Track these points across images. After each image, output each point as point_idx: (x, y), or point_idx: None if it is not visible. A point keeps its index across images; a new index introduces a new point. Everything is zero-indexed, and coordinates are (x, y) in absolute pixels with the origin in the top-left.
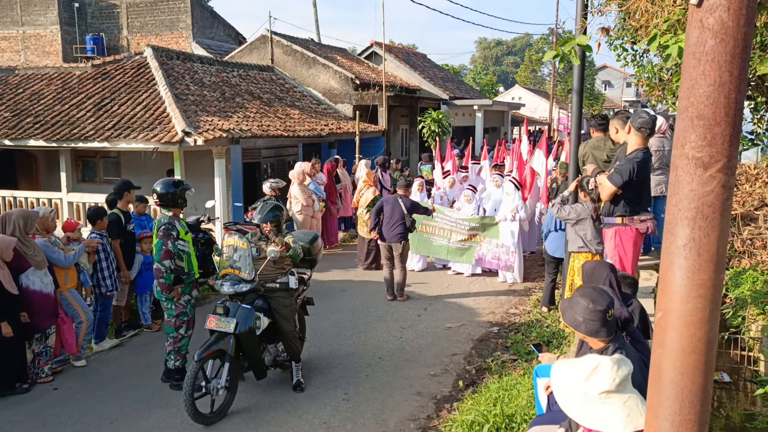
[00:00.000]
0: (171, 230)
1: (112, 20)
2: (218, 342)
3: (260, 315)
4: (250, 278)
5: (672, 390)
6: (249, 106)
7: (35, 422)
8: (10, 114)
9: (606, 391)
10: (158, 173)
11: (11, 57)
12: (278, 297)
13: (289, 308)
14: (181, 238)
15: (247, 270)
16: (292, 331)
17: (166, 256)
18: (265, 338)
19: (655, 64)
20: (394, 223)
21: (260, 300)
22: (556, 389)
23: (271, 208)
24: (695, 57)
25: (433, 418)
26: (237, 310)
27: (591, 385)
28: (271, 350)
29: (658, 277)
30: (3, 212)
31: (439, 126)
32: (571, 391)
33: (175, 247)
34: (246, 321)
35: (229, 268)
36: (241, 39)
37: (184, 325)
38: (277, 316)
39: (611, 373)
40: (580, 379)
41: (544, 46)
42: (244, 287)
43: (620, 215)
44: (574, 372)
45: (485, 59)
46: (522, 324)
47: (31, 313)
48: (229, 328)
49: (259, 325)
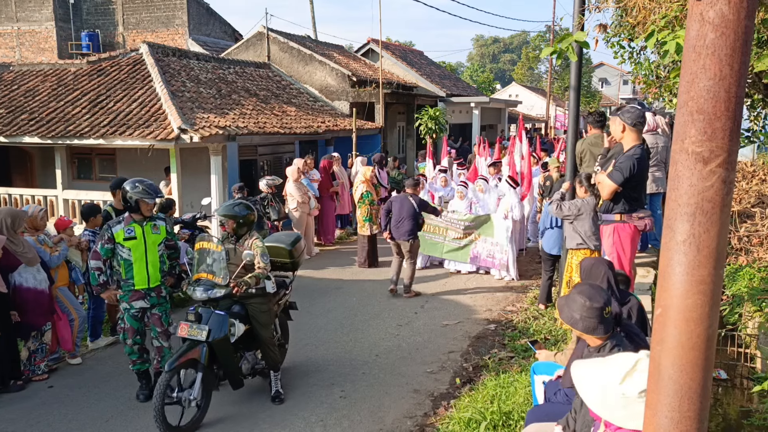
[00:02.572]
0: (106, 231)
1: (107, 17)
2: (190, 350)
3: (235, 321)
4: (225, 283)
5: (671, 386)
6: (245, 103)
7: (30, 420)
8: (4, 111)
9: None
10: (154, 170)
11: (6, 53)
12: (255, 303)
13: (266, 314)
14: (119, 243)
15: (221, 275)
16: (270, 338)
17: (95, 256)
18: (242, 345)
19: (653, 61)
20: (402, 221)
21: (237, 305)
22: (586, 395)
23: (236, 204)
24: (695, 51)
25: (430, 415)
26: (210, 317)
27: (629, 385)
28: (249, 358)
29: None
30: None
31: (436, 123)
32: (606, 394)
33: (103, 249)
34: (219, 328)
35: (202, 273)
36: (237, 36)
37: (122, 331)
38: (255, 322)
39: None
40: (615, 381)
41: (540, 44)
42: (219, 293)
43: (619, 212)
44: (605, 373)
45: (482, 56)
46: (519, 321)
47: (26, 310)
48: (201, 336)
49: (233, 333)
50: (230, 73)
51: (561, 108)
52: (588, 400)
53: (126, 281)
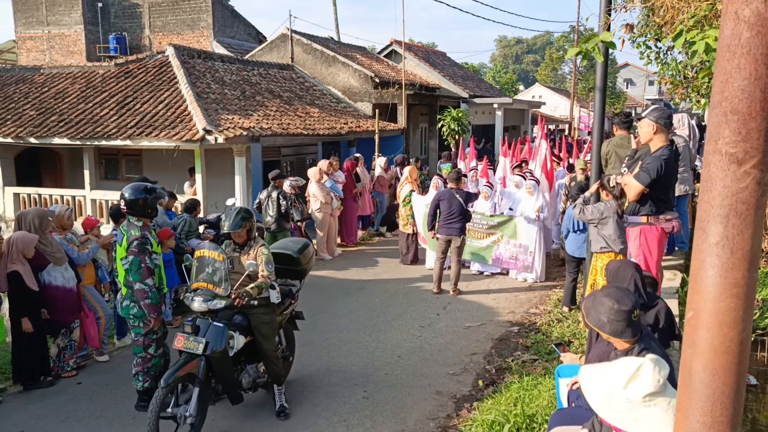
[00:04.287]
0: (146, 243)
1: (134, 20)
2: (187, 364)
3: (234, 333)
4: (226, 294)
5: (703, 391)
6: (269, 105)
7: (59, 416)
8: (35, 112)
9: (650, 394)
10: (178, 171)
11: (37, 56)
12: (258, 313)
13: (269, 325)
14: (154, 251)
15: (222, 285)
16: (273, 350)
17: (147, 274)
18: (244, 358)
19: (680, 62)
20: (452, 216)
21: (239, 316)
22: (593, 399)
23: (240, 215)
24: (729, 50)
25: (453, 417)
26: (208, 329)
27: (632, 389)
28: (250, 371)
29: (684, 276)
30: (19, 211)
31: (459, 124)
32: (611, 398)
33: (152, 261)
34: (217, 341)
35: (201, 282)
36: (261, 38)
37: (154, 344)
38: (257, 334)
39: (654, 374)
40: (619, 386)
41: (565, 44)
42: (219, 304)
43: (646, 214)
44: (610, 379)
45: (505, 57)
46: (542, 324)
47: (55, 308)
48: (198, 348)
49: (232, 345)
50: (254, 75)
51: (585, 109)
52: (595, 405)
53: (159, 288)
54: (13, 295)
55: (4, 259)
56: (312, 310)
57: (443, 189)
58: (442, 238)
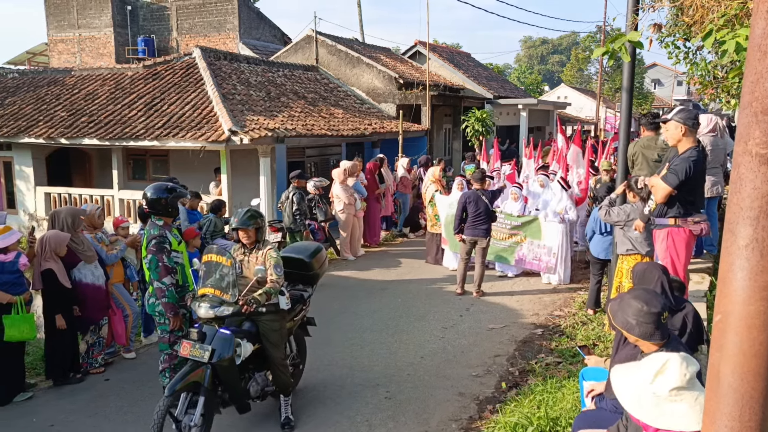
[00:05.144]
0: (163, 243)
1: (162, 22)
2: (193, 372)
3: (241, 341)
4: (233, 300)
5: (731, 395)
6: (294, 106)
7: (88, 411)
8: (66, 113)
9: (676, 388)
10: (204, 171)
11: (68, 59)
12: (266, 320)
13: (278, 333)
14: (175, 249)
15: (230, 291)
16: (281, 359)
17: (165, 273)
18: (252, 365)
19: (709, 62)
20: (479, 218)
21: (247, 322)
22: (621, 396)
23: (250, 213)
24: (761, 50)
25: (476, 419)
26: (214, 336)
27: (659, 384)
28: (259, 379)
29: (712, 279)
30: (53, 210)
31: (483, 125)
32: (639, 394)
33: (170, 260)
34: (223, 349)
35: (209, 288)
36: (286, 39)
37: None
38: (265, 341)
39: (681, 368)
40: (646, 380)
41: (591, 45)
42: (226, 311)
43: (673, 216)
44: (638, 374)
45: (530, 58)
46: (567, 326)
47: (85, 305)
48: (203, 356)
49: (239, 353)
50: (279, 76)
51: (611, 110)
52: (624, 401)
53: (183, 287)
54: (47, 292)
55: (38, 258)
56: (335, 310)
57: (468, 190)
58: (468, 240)
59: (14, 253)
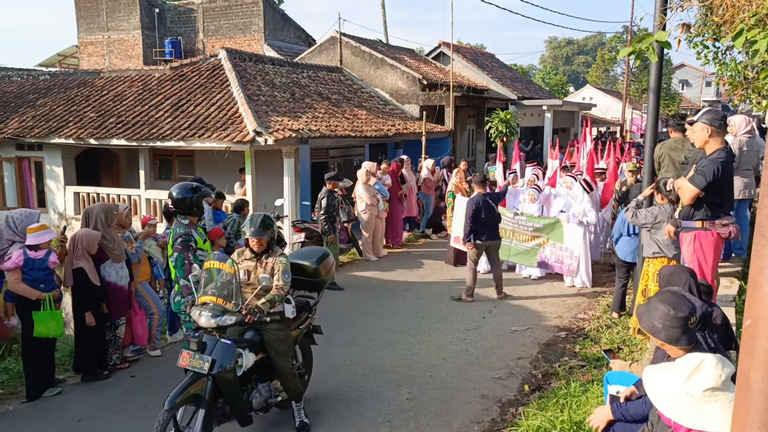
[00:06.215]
0: (189, 241)
1: (189, 24)
2: (193, 384)
3: (243, 351)
4: (237, 309)
5: (762, 401)
6: (318, 107)
7: (114, 407)
8: (95, 114)
9: (711, 388)
10: (228, 171)
11: (97, 61)
12: (271, 329)
13: (284, 342)
14: (200, 248)
15: (233, 299)
16: (289, 368)
17: (191, 270)
18: (255, 376)
19: (740, 62)
20: (491, 222)
21: (250, 331)
22: (654, 395)
23: (265, 222)
24: None
25: (498, 421)
26: (215, 346)
27: (693, 384)
28: (262, 391)
29: (741, 284)
30: (86, 207)
31: (507, 126)
32: (673, 393)
33: (196, 258)
34: (225, 359)
35: (210, 296)
36: (310, 41)
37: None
38: (271, 351)
39: (716, 369)
40: (680, 380)
41: (617, 45)
42: (229, 320)
43: (701, 219)
44: (673, 374)
45: (555, 59)
46: (591, 329)
47: (106, 303)
48: (203, 367)
49: (241, 363)
50: (303, 77)
51: (638, 111)
52: (656, 401)
53: None
54: (77, 289)
55: (70, 256)
56: (357, 310)
57: (476, 196)
58: (483, 245)
59: (45, 250)
